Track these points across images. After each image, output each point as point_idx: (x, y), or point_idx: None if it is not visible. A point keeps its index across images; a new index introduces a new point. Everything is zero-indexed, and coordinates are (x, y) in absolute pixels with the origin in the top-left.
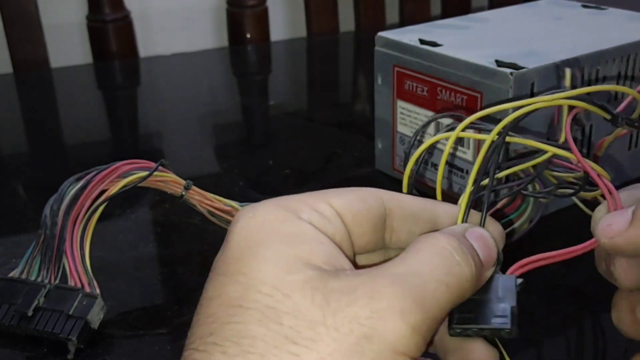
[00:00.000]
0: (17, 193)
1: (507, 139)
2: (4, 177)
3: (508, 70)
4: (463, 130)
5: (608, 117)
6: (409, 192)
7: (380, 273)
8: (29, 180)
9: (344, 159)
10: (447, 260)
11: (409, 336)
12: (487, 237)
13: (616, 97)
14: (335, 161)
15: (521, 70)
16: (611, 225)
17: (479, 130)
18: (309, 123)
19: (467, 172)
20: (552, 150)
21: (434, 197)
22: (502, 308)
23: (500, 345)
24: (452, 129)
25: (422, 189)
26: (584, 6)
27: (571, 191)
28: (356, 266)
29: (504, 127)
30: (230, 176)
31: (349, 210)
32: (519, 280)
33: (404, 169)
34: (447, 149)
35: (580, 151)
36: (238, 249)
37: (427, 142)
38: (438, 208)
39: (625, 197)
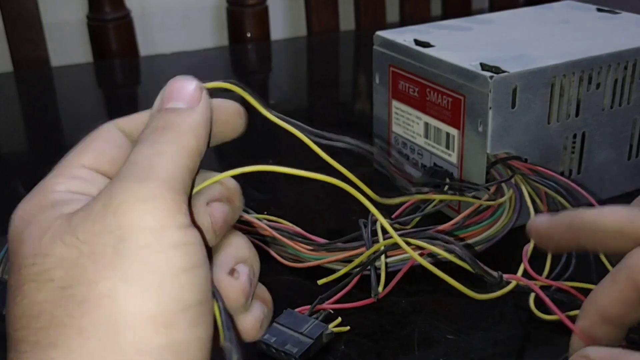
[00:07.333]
0: (17, 192)
1: None
2: (4, 176)
3: (488, 74)
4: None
5: None
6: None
7: None
8: (29, 179)
9: (343, 158)
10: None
11: (155, 188)
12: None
13: None
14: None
15: (501, 74)
16: None
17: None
18: (309, 122)
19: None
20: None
21: None
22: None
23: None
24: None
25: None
26: (599, 10)
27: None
28: None
29: None
30: None
31: (103, 160)
32: (329, 331)
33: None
34: None
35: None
36: (11, 247)
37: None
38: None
39: None
